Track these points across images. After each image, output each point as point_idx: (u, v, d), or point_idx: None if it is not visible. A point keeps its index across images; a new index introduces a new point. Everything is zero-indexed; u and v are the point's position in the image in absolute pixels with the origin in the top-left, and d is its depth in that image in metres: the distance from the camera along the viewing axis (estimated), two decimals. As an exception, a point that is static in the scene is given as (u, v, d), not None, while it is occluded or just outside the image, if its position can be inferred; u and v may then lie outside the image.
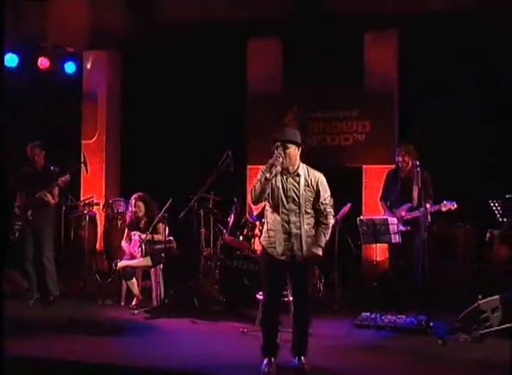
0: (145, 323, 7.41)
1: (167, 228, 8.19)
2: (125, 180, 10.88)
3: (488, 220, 6.93)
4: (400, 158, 7.64)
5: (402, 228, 7.43)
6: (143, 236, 8.11)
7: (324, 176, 5.66)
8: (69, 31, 10.18)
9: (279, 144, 5.45)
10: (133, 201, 8.40)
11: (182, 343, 6.33)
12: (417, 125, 9.00)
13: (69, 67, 10.44)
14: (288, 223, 5.45)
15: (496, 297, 6.71)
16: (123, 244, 8.45)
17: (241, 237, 8.38)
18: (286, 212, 5.46)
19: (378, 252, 8.02)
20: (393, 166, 7.97)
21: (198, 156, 9.51)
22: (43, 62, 10.04)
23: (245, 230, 8.38)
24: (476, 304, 6.77)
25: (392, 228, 7.20)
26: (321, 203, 5.49)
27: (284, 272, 5.58)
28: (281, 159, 5.38)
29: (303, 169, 5.55)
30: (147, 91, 10.36)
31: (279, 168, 5.43)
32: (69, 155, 9.82)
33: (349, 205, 8.50)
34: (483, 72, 8.64)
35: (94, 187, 10.65)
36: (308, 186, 5.48)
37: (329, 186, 5.69)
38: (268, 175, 5.37)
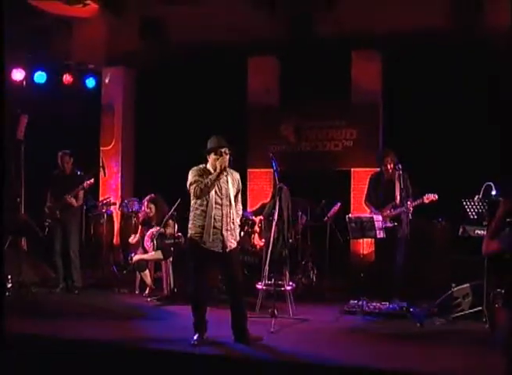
0: (157, 310, 7.51)
1: (176, 225, 8.30)
2: (139, 182, 10.96)
3: (462, 217, 6.99)
4: (386, 166, 7.74)
5: (388, 224, 7.51)
6: (155, 230, 8.22)
7: (315, 178, 5.81)
8: (90, 50, 10.30)
9: (225, 150, 5.76)
10: (146, 202, 8.50)
11: (189, 327, 6.41)
12: (399, 131, 9.09)
13: (90, 82, 10.54)
14: (226, 216, 5.76)
15: (467, 285, 6.81)
16: (131, 239, 8.59)
17: (242, 233, 8.43)
18: (220, 207, 5.73)
19: (365, 246, 8.12)
20: (377, 170, 8.05)
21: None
22: (67, 78, 10.17)
23: (246, 227, 8.45)
24: (450, 291, 6.87)
25: (378, 225, 7.26)
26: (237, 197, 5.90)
27: (215, 261, 5.79)
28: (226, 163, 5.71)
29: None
30: (158, 102, 10.45)
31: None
32: (89, 160, 9.90)
33: (339, 204, 8.57)
34: (459, 83, 8.75)
35: (111, 188, 10.74)
36: (233, 183, 5.82)
37: (322, 187, 5.83)
38: (215, 177, 5.66)
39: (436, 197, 7.41)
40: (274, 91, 10.20)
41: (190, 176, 5.82)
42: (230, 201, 5.76)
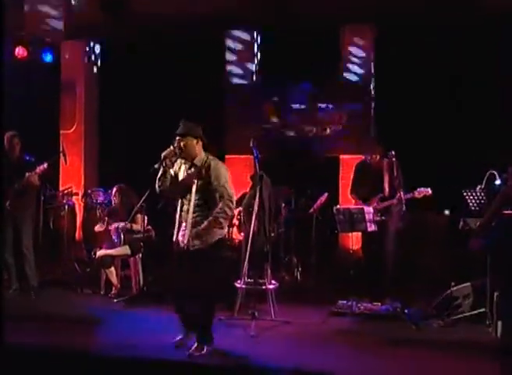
0: (124, 312, 7.42)
1: (145, 218, 8.23)
2: (103, 170, 10.86)
3: (462, 209, 7.03)
4: (368, 156, 7.75)
5: (376, 218, 7.51)
6: (121, 224, 8.15)
7: (299, 165, 5.76)
8: (45, 21, 10.11)
9: (177, 139, 5.72)
10: (113, 192, 8.44)
11: (160, 331, 6.36)
12: (393, 115, 9.09)
13: (47, 57, 10.36)
14: (184, 211, 5.69)
15: (468, 284, 6.84)
16: (97, 227, 8.50)
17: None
18: (184, 201, 5.72)
19: (355, 241, 8.12)
20: (363, 158, 8.04)
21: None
22: (20, 52, 9.94)
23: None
24: (449, 291, 6.88)
25: (368, 217, 7.25)
26: (216, 191, 5.61)
27: (183, 259, 5.70)
28: (173, 151, 5.66)
29: (201, 160, 5.71)
30: (125, 81, 10.32)
31: (173, 159, 5.72)
32: (48, 146, 9.77)
33: (326, 194, 8.58)
34: (456, 65, 8.77)
35: (72, 177, 10.64)
36: (203, 174, 5.64)
37: (307, 176, 5.79)
38: (156, 165, 5.67)
39: (430, 191, 7.40)
40: (255, 69, 10.16)
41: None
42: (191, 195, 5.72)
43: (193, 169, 5.70)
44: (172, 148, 5.68)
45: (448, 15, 8.66)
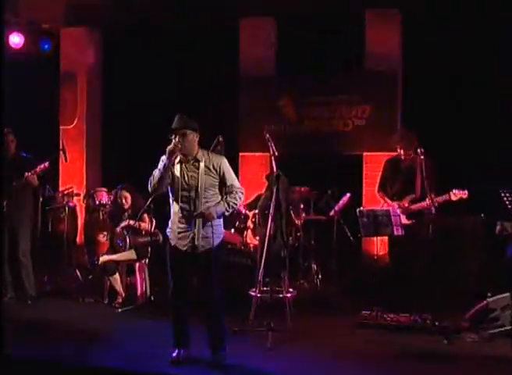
0: (129, 323, 7.38)
1: (153, 220, 8.16)
2: (107, 169, 10.86)
3: (498, 211, 6.91)
4: (402, 151, 7.58)
5: (406, 221, 7.39)
6: (131, 222, 8.07)
7: (319, 163, 5.71)
8: (44, 6, 10.03)
9: (176, 132, 5.64)
10: (118, 191, 8.37)
11: (168, 343, 6.28)
12: (422, 108, 9.01)
13: (45, 45, 10.27)
14: (188, 211, 5.60)
15: (507, 294, 6.69)
16: (101, 237, 8.45)
17: (232, 230, 8.36)
18: (185, 200, 5.65)
19: (380, 246, 8.03)
20: (394, 154, 7.89)
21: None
22: (15, 40, 9.85)
23: (236, 222, 8.36)
24: (485, 302, 6.78)
25: (395, 220, 7.18)
26: (230, 185, 5.70)
27: (188, 263, 5.70)
28: (179, 146, 5.58)
29: (202, 155, 5.71)
30: (131, 72, 10.31)
31: (178, 155, 5.66)
32: (47, 143, 9.72)
33: (348, 195, 8.53)
34: (491, 55, 8.66)
35: (73, 176, 10.68)
36: (210, 170, 5.66)
37: (327, 175, 5.73)
38: (167, 162, 5.57)
39: (466, 194, 7.27)
40: (270, 59, 10.06)
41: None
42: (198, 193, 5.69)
43: (201, 166, 5.63)
44: (174, 142, 5.60)
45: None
